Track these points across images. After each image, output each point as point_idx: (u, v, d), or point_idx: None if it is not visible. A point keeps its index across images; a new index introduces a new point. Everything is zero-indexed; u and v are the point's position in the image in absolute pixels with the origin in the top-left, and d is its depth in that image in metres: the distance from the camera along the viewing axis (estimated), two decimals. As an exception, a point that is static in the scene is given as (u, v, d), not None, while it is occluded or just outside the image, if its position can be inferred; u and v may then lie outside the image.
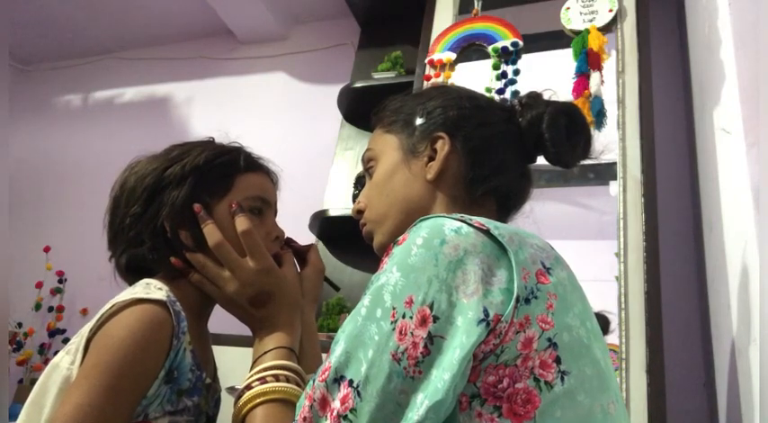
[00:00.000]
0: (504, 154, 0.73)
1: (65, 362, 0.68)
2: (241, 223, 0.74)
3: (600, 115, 1.38)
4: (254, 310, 0.73)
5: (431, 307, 0.50)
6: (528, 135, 0.74)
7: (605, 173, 1.50)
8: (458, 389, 0.48)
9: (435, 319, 0.50)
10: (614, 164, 1.38)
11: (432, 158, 0.72)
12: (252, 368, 0.69)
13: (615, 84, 1.44)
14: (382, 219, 0.74)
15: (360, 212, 0.78)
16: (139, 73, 2.92)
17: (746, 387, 0.85)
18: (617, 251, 1.29)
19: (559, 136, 0.73)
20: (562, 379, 0.50)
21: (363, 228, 0.77)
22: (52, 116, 3.06)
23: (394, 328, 0.50)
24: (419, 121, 0.75)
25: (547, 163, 0.77)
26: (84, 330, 0.69)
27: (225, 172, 0.79)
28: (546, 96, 0.78)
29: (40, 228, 2.67)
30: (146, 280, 0.74)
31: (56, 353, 2.03)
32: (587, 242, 1.71)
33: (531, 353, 0.50)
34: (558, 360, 0.51)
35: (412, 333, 0.50)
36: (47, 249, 2.49)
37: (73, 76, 3.10)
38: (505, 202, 0.74)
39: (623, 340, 1.20)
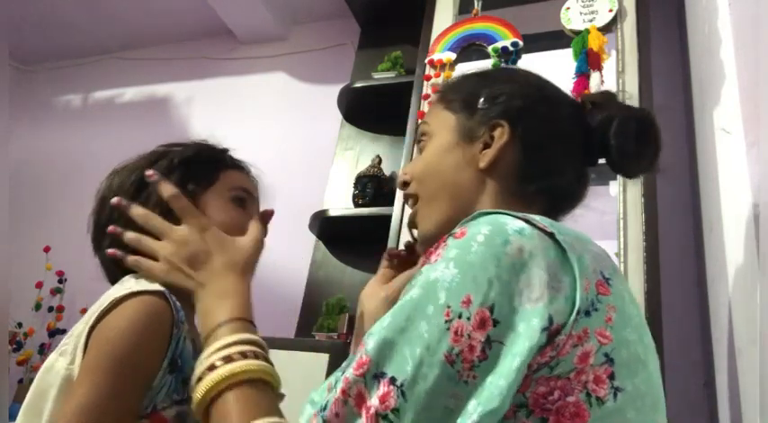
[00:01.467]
0: (563, 154, 0.70)
1: (60, 363, 0.67)
2: (165, 189, 0.72)
3: (600, 115, 1.38)
4: (193, 272, 0.68)
5: (491, 310, 0.47)
6: (594, 137, 0.70)
7: (605, 173, 1.50)
8: (512, 398, 0.46)
9: (495, 322, 0.47)
10: (614, 164, 1.37)
11: (487, 146, 0.68)
12: (207, 344, 0.62)
13: (615, 84, 1.44)
14: (430, 200, 0.70)
15: (405, 185, 0.73)
16: (139, 73, 2.92)
17: (747, 387, 0.85)
18: (617, 251, 1.29)
19: (626, 144, 0.69)
20: (615, 395, 0.48)
21: (409, 201, 0.74)
22: (52, 116, 3.06)
23: (448, 328, 0.47)
24: (481, 104, 0.70)
25: None
26: (77, 330, 0.68)
27: (211, 165, 0.81)
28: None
29: (40, 228, 2.67)
30: (133, 275, 0.72)
31: (56, 353, 1.97)
32: (587, 242, 1.71)
33: (586, 367, 0.48)
34: (612, 376, 0.49)
35: (469, 335, 0.47)
36: (47, 249, 2.49)
37: (73, 76, 3.10)
38: (557, 203, 0.70)
39: (623, 340, 1.19)
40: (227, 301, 0.65)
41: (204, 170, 0.80)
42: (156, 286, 0.68)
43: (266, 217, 0.82)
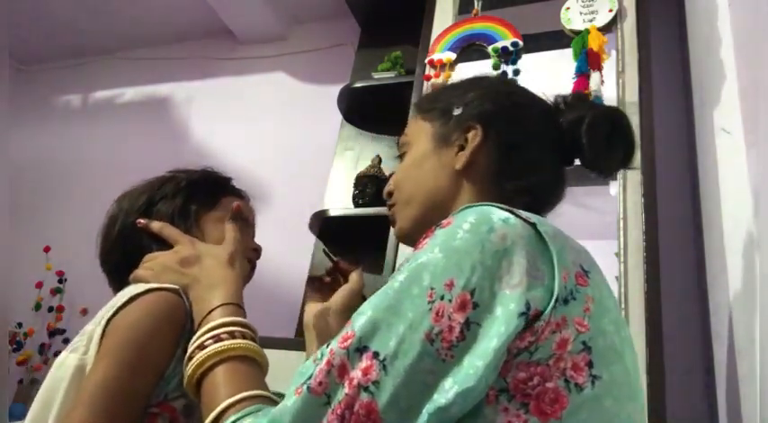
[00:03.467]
0: (537, 153, 0.72)
1: (71, 358, 0.70)
2: (154, 225, 0.82)
3: (600, 115, 1.38)
4: (186, 270, 0.75)
5: (472, 293, 0.50)
6: (566, 137, 0.73)
7: (605, 173, 1.50)
8: (490, 379, 0.48)
9: (475, 305, 0.49)
10: (614, 164, 1.37)
11: (462, 148, 0.72)
12: (200, 326, 0.68)
13: (615, 84, 1.44)
14: (407, 203, 0.74)
15: (390, 195, 0.78)
16: (139, 73, 2.92)
17: (746, 387, 0.85)
18: (617, 251, 1.29)
19: (598, 141, 0.71)
20: (593, 383, 0.50)
21: (390, 209, 0.78)
22: (52, 116, 3.06)
23: (431, 309, 0.50)
24: (456, 111, 0.74)
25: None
26: (89, 329, 0.72)
27: (214, 190, 0.89)
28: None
29: (40, 228, 2.67)
30: (134, 285, 0.77)
31: (56, 353, 2.03)
32: (587, 242, 1.70)
33: (564, 354, 0.50)
34: (590, 364, 0.50)
35: (449, 316, 0.49)
36: (47, 249, 2.49)
37: (73, 76, 3.10)
38: (535, 202, 0.71)
39: (623, 340, 1.19)
40: (218, 288, 0.72)
41: (207, 194, 0.88)
42: (171, 285, 0.73)
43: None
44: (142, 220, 0.82)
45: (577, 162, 0.75)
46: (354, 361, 0.50)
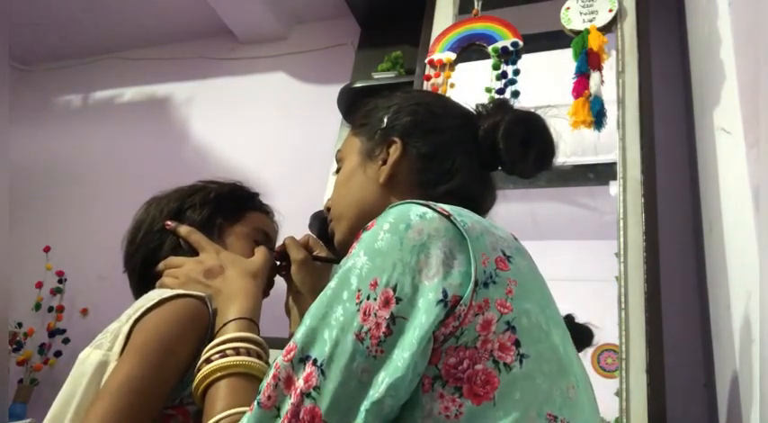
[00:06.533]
0: (455, 160, 0.74)
1: (95, 354, 0.71)
2: (182, 229, 0.84)
3: (600, 115, 1.38)
4: (210, 282, 0.77)
5: (394, 289, 0.52)
6: (483, 143, 0.75)
7: (605, 173, 1.50)
8: (418, 368, 0.50)
9: (398, 300, 0.52)
10: (614, 164, 1.38)
11: (385, 162, 0.75)
12: (215, 338, 0.71)
13: (615, 84, 1.44)
14: (340, 217, 0.78)
15: (329, 210, 0.82)
16: (139, 73, 2.92)
17: (746, 387, 0.85)
18: (617, 251, 1.29)
19: (513, 146, 0.73)
20: (521, 361, 0.52)
21: (330, 224, 0.82)
22: (52, 116, 3.06)
23: (358, 309, 0.52)
24: (380, 125, 0.78)
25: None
26: (113, 327, 0.74)
27: (241, 204, 0.91)
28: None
29: (40, 228, 2.67)
30: (158, 289, 0.79)
31: (56, 353, 2.04)
32: (587, 242, 1.71)
33: (489, 335, 0.52)
34: (517, 343, 0.52)
35: (375, 314, 0.51)
36: (47, 249, 2.48)
37: (73, 76, 3.10)
38: (462, 204, 0.72)
39: (623, 340, 1.20)
40: (235, 302, 0.74)
41: (233, 208, 0.90)
42: (199, 293, 0.75)
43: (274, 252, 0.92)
44: (171, 223, 0.85)
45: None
46: (299, 371, 0.52)
